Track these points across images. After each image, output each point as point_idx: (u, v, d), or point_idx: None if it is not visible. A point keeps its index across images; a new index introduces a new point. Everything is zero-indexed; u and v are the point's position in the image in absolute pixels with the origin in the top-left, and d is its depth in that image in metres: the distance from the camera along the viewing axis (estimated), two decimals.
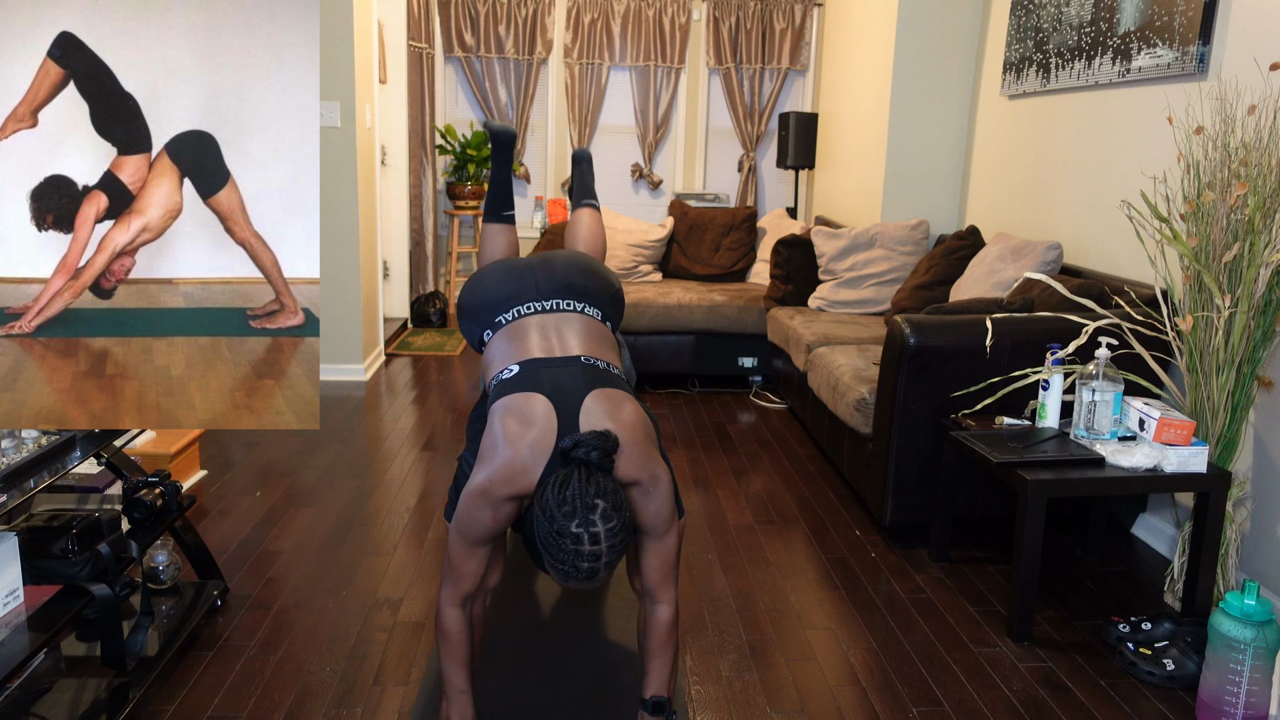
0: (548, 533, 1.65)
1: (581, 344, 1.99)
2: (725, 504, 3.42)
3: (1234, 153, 2.51)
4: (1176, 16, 3.03)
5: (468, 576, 1.87)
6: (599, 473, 1.69)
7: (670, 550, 1.89)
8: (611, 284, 2.21)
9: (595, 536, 1.63)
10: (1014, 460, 2.53)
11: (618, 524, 1.65)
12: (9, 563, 1.93)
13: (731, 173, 7.06)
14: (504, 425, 1.80)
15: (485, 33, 6.61)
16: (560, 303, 2.09)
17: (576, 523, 1.62)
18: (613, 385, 1.90)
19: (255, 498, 3.35)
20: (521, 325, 2.04)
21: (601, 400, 1.84)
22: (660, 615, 1.93)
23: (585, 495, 1.64)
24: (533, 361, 1.93)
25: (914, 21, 4.64)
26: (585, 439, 1.69)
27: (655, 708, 1.92)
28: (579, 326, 2.05)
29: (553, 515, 1.64)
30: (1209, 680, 2.17)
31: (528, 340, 2.00)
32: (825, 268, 4.66)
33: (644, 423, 1.87)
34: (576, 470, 1.68)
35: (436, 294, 6.37)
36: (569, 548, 1.64)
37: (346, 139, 4.75)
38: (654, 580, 1.91)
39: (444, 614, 1.90)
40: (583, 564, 1.65)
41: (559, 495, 1.65)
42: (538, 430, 1.79)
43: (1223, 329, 2.51)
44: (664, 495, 1.84)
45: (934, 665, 2.40)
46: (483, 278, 2.18)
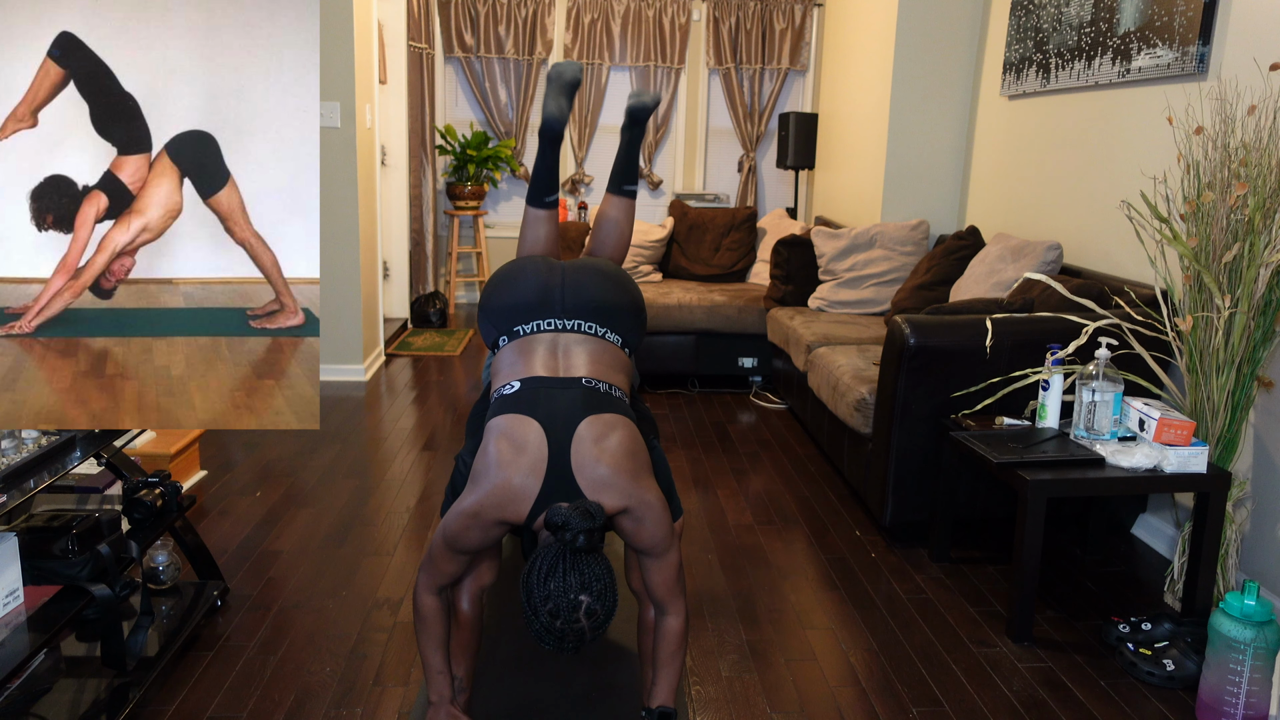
0: (532, 615, 1.69)
1: (588, 366, 1.98)
2: (725, 504, 3.42)
3: (1234, 153, 2.51)
4: (1176, 17, 3.03)
5: (446, 575, 1.90)
6: (585, 557, 1.70)
7: (673, 565, 1.89)
8: (637, 302, 2.16)
9: (579, 625, 1.67)
10: (1014, 460, 2.53)
11: (601, 617, 1.69)
12: (9, 563, 1.93)
13: (731, 173, 7.06)
14: (498, 449, 1.81)
15: (485, 33, 6.61)
16: (581, 324, 2.06)
17: (561, 621, 1.66)
18: (610, 409, 1.88)
19: (255, 498, 3.35)
20: (534, 341, 2.03)
21: (594, 427, 1.83)
22: (670, 626, 1.92)
23: (569, 592, 1.66)
24: (534, 380, 1.93)
25: (914, 22, 4.64)
26: (573, 521, 1.68)
27: (662, 718, 1.91)
28: (591, 350, 2.03)
29: (535, 606, 1.68)
30: (1209, 680, 2.17)
31: (535, 357, 1.99)
32: (825, 268, 4.66)
33: (633, 450, 1.84)
34: (562, 559, 1.68)
35: (436, 294, 6.37)
36: (556, 632, 1.69)
37: (346, 139, 4.75)
38: (661, 594, 1.90)
39: (421, 599, 1.92)
40: (569, 644, 1.70)
41: (543, 588, 1.67)
42: (529, 458, 1.79)
43: (1223, 329, 2.51)
44: (656, 519, 1.82)
45: (934, 665, 2.40)
46: (513, 280, 2.12)
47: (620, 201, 2.45)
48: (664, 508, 1.84)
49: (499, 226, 7.07)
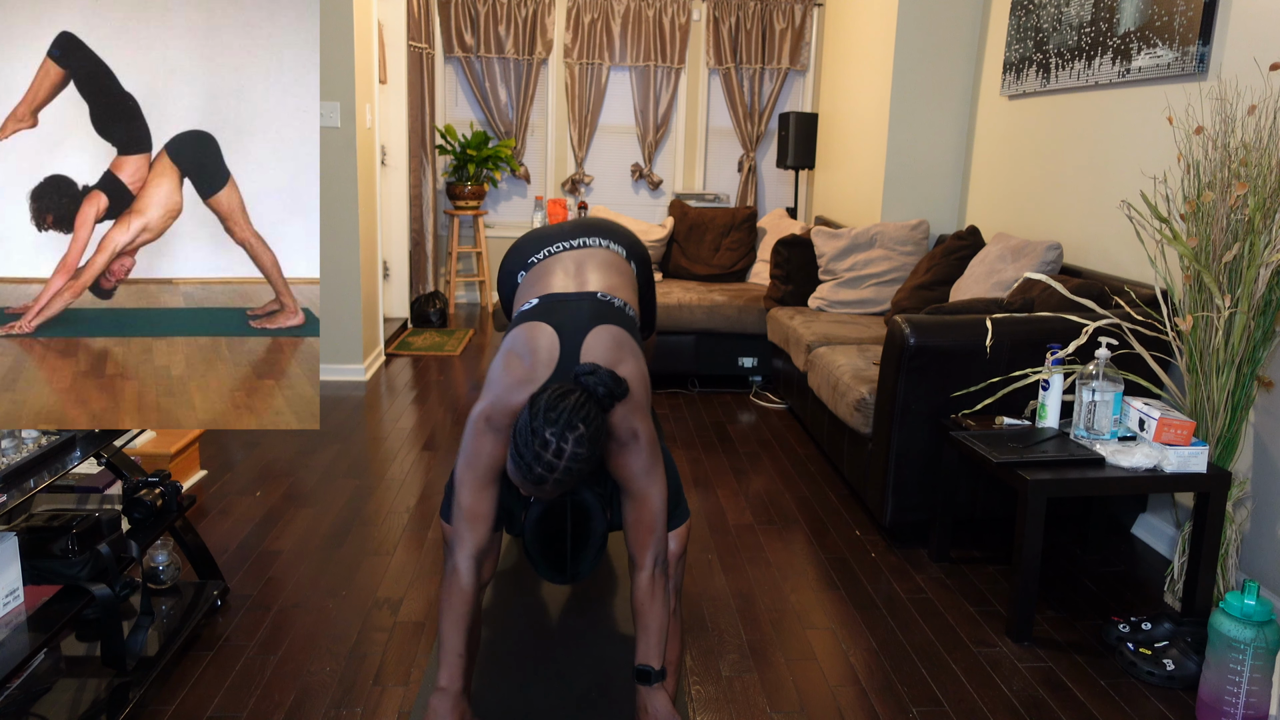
0: (525, 424, 1.74)
1: (600, 280, 2.11)
2: (725, 504, 3.42)
3: (1234, 153, 2.51)
4: (1176, 16, 3.03)
5: (481, 518, 1.89)
6: (597, 406, 1.78)
7: (650, 512, 1.91)
8: (633, 233, 2.38)
9: (560, 451, 1.72)
10: (1014, 460, 2.53)
11: (585, 454, 1.74)
12: (9, 563, 1.93)
13: (731, 173, 7.06)
14: (506, 357, 1.93)
15: (485, 33, 6.61)
16: (586, 240, 2.23)
17: (552, 431, 1.71)
18: (620, 323, 2.00)
19: (255, 498, 3.35)
20: (549, 264, 2.17)
21: (605, 339, 1.94)
22: (637, 580, 1.94)
23: (575, 413, 1.73)
24: (551, 296, 2.05)
25: (914, 21, 4.64)
26: (603, 373, 1.80)
27: (640, 675, 1.92)
28: (600, 261, 2.17)
29: (539, 414, 1.73)
30: (1209, 680, 2.17)
31: (552, 276, 2.12)
32: (825, 268, 4.66)
33: (639, 381, 1.94)
34: (579, 391, 1.77)
35: (436, 294, 6.36)
36: (534, 448, 1.72)
37: (346, 139, 4.74)
38: (632, 541, 1.93)
39: (458, 566, 1.86)
40: (537, 467, 1.73)
41: (552, 400, 1.74)
42: (541, 356, 1.91)
43: (1223, 329, 2.51)
44: (641, 450, 1.89)
45: (934, 665, 2.40)
46: (522, 240, 2.33)
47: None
48: (649, 445, 1.90)
49: (499, 226, 7.06)
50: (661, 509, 1.93)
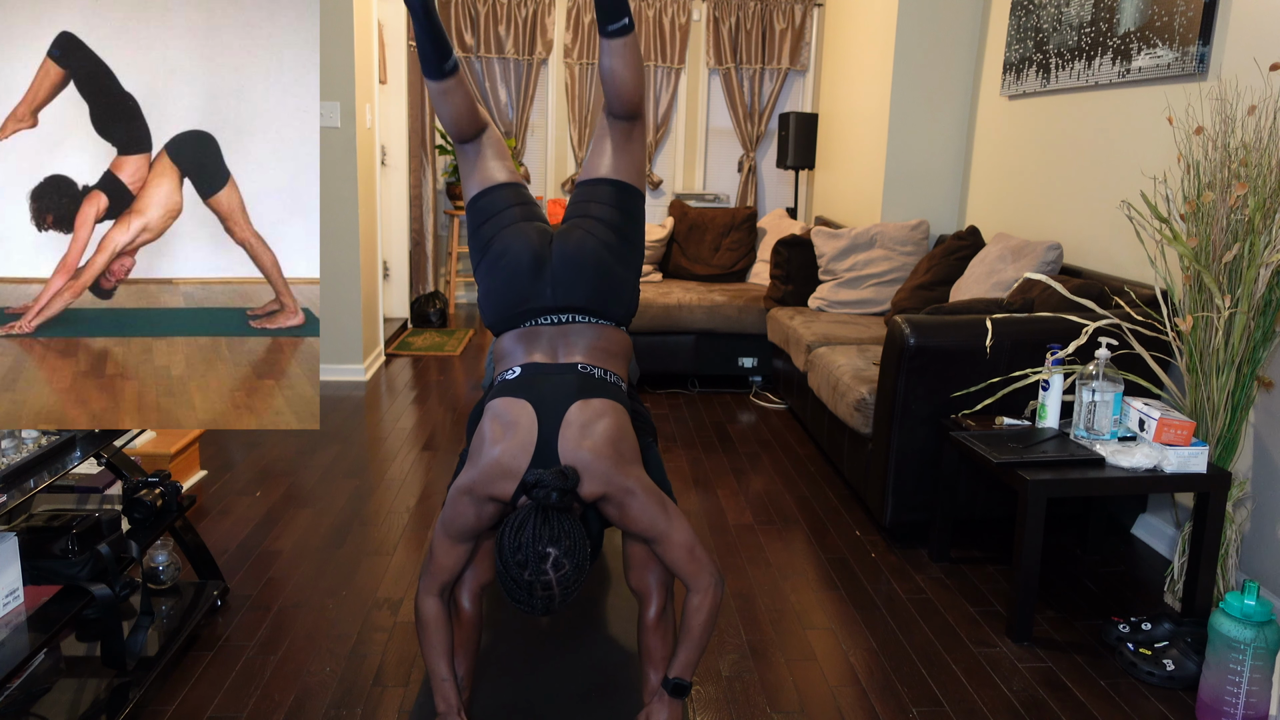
0: (502, 569, 1.73)
1: (585, 352, 2.04)
2: (725, 504, 3.42)
3: (1234, 153, 2.51)
4: (1176, 17, 3.03)
5: (446, 570, 1.93)
6: (556, 514, 1.73)
7: (679, 545, 1.90)
8: (630, 283, 2.15)
9: (546, 583, 1.71)
10: (1014, 460, 2.53)
11: (569, 571, 1.72)
12: (9, 563, 1.93)
13: (731, 173, 7.06)
14: (491, 428, 1.88)
15: (485, 33, 6.61)
16: (575, 317, 2.10)
17: (529, 571, 1.70)
18: (602, 394, 1.93)
19: (255, 498, 3.35)
20: (534, 332, 2.09)
21: (583, 411, 1.88)
22: (690, 604, 1.93)
23: (538, 543, 1.69)
24: (533, 366, 1.99)
25: (914, 22, 4.64)
26: (546, 479, 1.74)
27: (676, 689, 1.94)
28: (587, 336, 2.09)
29: (506, 560, 1.71)
30: (1209, 680, 2.17)
31: (536, 343, 2.06)
32: (825, 268, 4.66)
33: (616, 438, 1.87)
34: (534, 513, 1.73)
35: (436, 294, 6.37)
36: (521, 591, 1.72)
37: (346, 139, 4.75)
38: (679, 574, 1.92)
39: (422, 603, 1.95)
40: (536, 602, 1.73)
41: (514, 540, 1.71)
42: (520, 437, 1.85)
43: (1223, 329, 2.51)
44: (640, 505, 1.85)
45: (934, 665, 2.40)
46: (500, 261, 2.07)
47: (611, 45, 2.06)
48: (647, 493, 1.87)
49: None
50: (686, 540, 1.92)
